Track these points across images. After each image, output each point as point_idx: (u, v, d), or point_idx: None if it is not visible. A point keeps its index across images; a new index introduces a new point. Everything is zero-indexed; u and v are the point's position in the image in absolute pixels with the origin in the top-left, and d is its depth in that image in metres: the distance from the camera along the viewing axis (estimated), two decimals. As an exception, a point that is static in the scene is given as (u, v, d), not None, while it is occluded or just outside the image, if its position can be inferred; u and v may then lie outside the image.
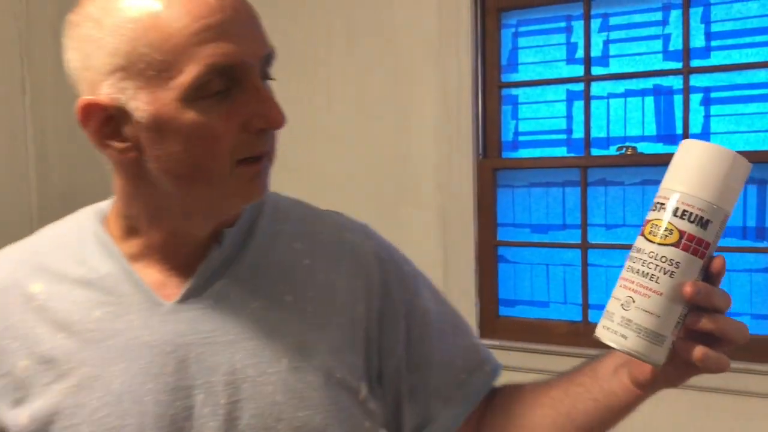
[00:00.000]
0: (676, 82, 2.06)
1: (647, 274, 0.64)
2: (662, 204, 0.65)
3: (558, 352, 2.17)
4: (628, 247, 2.10)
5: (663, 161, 2.08)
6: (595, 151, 2.16)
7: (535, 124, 2.27)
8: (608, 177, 2.15)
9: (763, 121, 1.97)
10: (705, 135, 2.03)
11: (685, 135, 2.03)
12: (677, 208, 0.63)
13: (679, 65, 2.05)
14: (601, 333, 0.66)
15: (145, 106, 0.69)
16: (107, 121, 0.71)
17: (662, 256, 0.63)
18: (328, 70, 2.47)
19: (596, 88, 2.16)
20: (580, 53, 2.18)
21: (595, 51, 2.16)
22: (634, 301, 0.64)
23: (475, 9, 2.24)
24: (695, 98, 2.04)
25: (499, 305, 2.32)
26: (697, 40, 2.04)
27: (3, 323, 0.76)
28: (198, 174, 0.71)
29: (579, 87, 2.18)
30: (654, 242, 0.64)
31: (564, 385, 0.84)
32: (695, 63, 2.04)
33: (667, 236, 0.63)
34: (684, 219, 0.63)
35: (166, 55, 0.67)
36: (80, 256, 0.78)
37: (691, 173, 0.64)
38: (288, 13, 2.54)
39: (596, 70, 2.16)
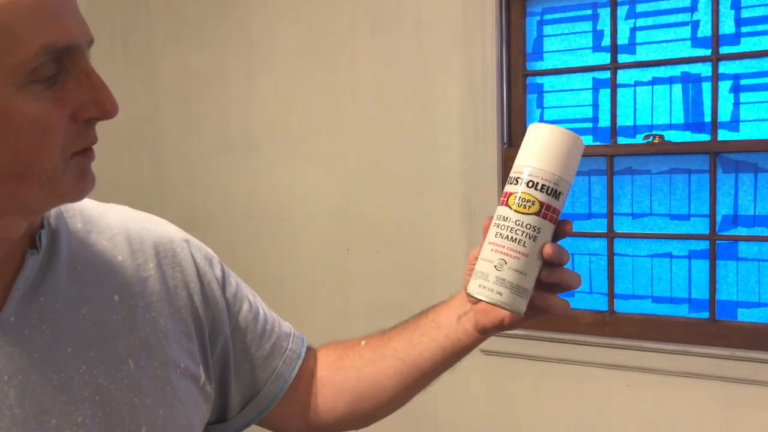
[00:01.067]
0: (705, 69, 2.03)
1: (515, 239, 0.75)
2: (519, 178, 0.76)
3: (584, 342, 2.16)
4: (655, 236, 2.09)
5: (691, 150, 2.07)
6: (621, 140, 2.14)
7: (560, 112, 2.25)
8: (635, 166, 2.13)
9: (794, 109, 1.94)
10: (734, 123, 2.01)
11: (714, 123, 2.01)
12: (534, 182, 0.75)
13: (707, 52, 2.02)
14: (477, 291, 0.76)
15: None
16: None
17: (527, 224, 0.75)
18: (352, 60, 2.47)
19: (623, 75, 2.14)
20: (606, 41, 2.16)
21: (622, 38, 2.13)
22: (506, 263, 0.75)
23: (499, -3, 2.23)
24: (724, 85, 2.01)
25: (524, 295, 2.30)
26: (727, 26, 2.00)
27: None
28: (28, 170, 0.62)
29: (605, 75, 2.16)
30: (520, 212, 0.75)
31: (406, 336, 0.91)
32: (724, 50, 2.01)
33: (530, 207, 0.75)
34: (542, 192, 0.75)
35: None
36: None
37: (541, 151, 0.76)
38: (312, 3, 2.54)
39: (623, 58, 2.13)
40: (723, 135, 2.01)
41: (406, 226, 2.42)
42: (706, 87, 2.03)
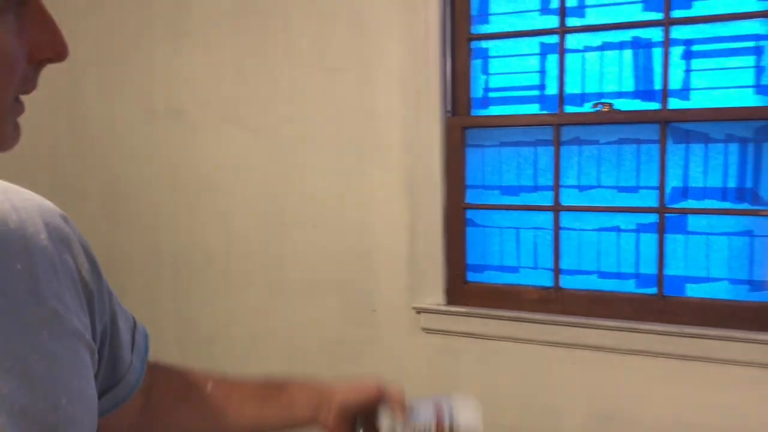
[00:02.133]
0: (656, 34, 1.94)
1: None
2: None
3: (528, 319, 2.08)
4: (603, 209, 1.99)
5: (640, 119, 1.98)
6: (569, 108, 2.04)
7: (506, 79, 2.13)
8: (582, 136, 2.04)
9: (746, 76, 1.86)
10: (685, 91, 1.93)
11: (665, 91, 1.92)
12: None
13: (659, 16, 1.93)
14: None
15: None
16: None
17: None
18: (285, 20, 2.30)
19: (571, 40, 2.03)
20: (554, 3, 2.04)
21: (571, 1, 2.03)
22: None
23: (443, -45, 2.09)
24: (675, 51, 1.93)
25: (468, 270, 2.21)
26: (679, -11, 1.92)
27: None
28: None
29: (553, 39, 2.05)
30: None
31: (258, 403, 0.95)
32: (676, 14, 1.92)
33: None
34: None
35: None
36: None
37: None
38: (242, -42, 2.36)
39: (571, 21, 2.03)
40: (674, 103, 1.93)
41: (344, 199, 2.28)
42: (657, 53, 1.95)
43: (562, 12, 2.02)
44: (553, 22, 2.05)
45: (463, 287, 2.20)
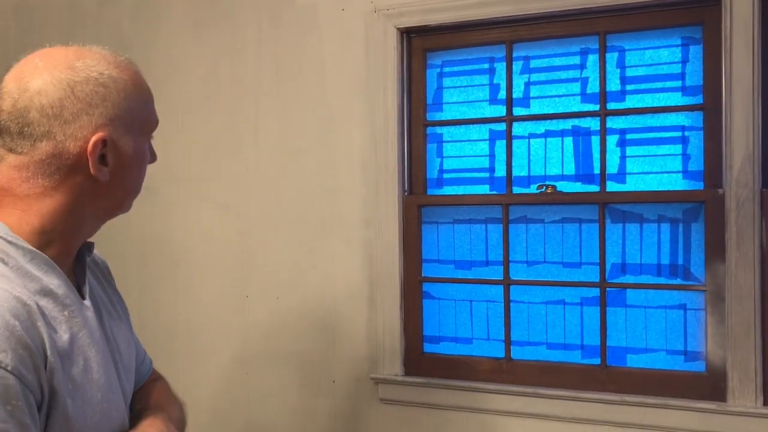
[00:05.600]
0: (594, 123, 2.13)
1: None
2: None
3: (482, 389, 2.17)
4: (549, 283, 2.14)
5: (581, 200, 2.14)
6: (516, 190, 2.20)
7: (459, 162, 2.30)
8: (529, 215, 2.20)
9: (674, 162, 2.05)
10: (621, 175, 2.10)
11: (602, 175, 2.10)
12: None
13: (596, 107, 2.12)
14: None
15: (131, 144, 1.08)
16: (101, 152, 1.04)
17: None
18: (256, 106, 2.46)
19: (517, 128, 2.21)
20: (502, 94, 2.23)
21: (517, 92, 2.21)
22: None
23: (401, 49, 2.28)
24: (611, 139, 2.11)
25: (424, 342, 2.31)
26: (613, 84, 2.11)
27: (44, 333, 0.96)
28: (138, 189, 1.13)
29: (501, 127, 2.23)
30: None
31: None
32: (611, 105, 2.11)
33: None
34: None
35: (144, 113, 1.11)
36: (27, 273, 0.99)
37: None
38: (216, 48, 2.52)
39: (518, 111, 2.21)
40: (611, 186, 2.10)
41: (307, 273, 2.39)
42: (595, 140, 2.13)
43: (509, 102, 2.21)
44: (500, 111, 2.23)
45: (420, 358, 2.29)
